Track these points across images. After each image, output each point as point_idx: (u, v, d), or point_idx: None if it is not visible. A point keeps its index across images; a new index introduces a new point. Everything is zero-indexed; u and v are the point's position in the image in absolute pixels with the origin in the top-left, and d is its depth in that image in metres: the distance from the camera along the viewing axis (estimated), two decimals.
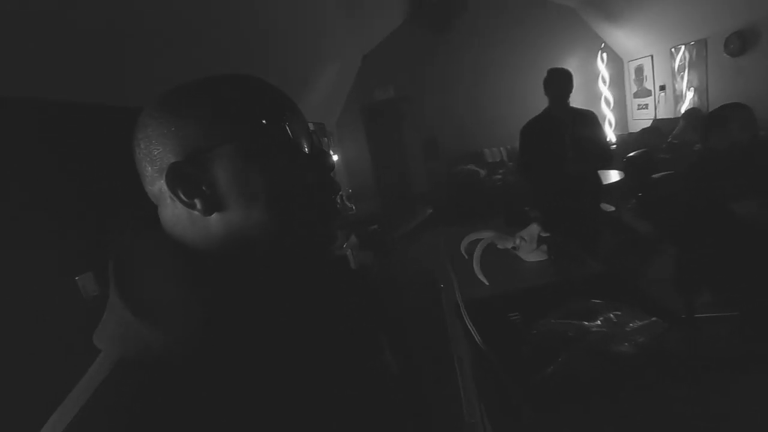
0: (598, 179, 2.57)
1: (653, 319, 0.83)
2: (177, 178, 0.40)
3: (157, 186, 0.42)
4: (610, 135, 5.92)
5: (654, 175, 2.61)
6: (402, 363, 0.60)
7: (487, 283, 1.35)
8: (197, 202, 0.40)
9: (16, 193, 1.15)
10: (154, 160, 0.41)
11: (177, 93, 0.42)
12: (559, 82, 2.38)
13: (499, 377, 0.85)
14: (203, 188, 0.40)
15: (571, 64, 5.75)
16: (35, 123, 1.26)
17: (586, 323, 0.82)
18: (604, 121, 5.98)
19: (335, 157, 5.52)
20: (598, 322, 0.82)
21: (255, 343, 0.40)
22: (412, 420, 0.59)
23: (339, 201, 5.07)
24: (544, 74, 2.44)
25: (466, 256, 1.51)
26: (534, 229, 1.41)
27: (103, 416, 0.35)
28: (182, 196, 0.40)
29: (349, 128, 6.32)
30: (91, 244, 1.33)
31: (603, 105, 6.07)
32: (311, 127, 0.47)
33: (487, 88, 6.14)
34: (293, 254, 0.46)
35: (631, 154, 3.04)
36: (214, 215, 0.41)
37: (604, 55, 5.91)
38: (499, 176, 5.81)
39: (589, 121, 2.40)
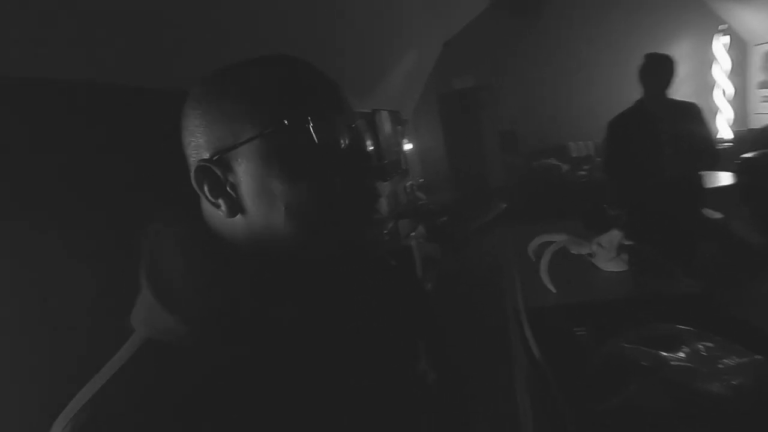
0: (700, 182, 2.24)
1: (756, 357, 0.69)
2: (203, 177, 0.39)
3: (192, 173, 0.41)
4: (725, 131, 5.17)
5: None
6: (443, 371, 0.56)
7: (554, 291, 1.23)
8: (221, 203, 0.39)
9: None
10: (191, 152, 0.41)
11: (210, 82, 0.40)
12: (658, 70, 2.10)
13: (555, 399, 0.77)
14: (227, 189, 0.39)
15: (681, 50, 5.09)
16: (129, 109, 1.39)
17: (666, 354, 0.70)
18: (717, 114, 5.22)
19: (408, 146, 5.48)
20: (682, 354, 0.70)
21: (274, 337, 0.39)
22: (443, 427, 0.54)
23: (409, 190, 5.04)
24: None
25: (534, 259, 1.40)
26: (615, 235, 1.26)
27: (121, 393, 0.36)
28: (208, 195, 0.39)
29: (425, 117, 6.23)
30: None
31: (718, 96, 5.29)
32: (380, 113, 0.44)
33: (578, 77, 5.66)
34: (319, 263, 0.43)
35: (749, 154, 2.59)
36: (238, 216, 0.39)
37: (724, 38, 5.13)
38: (584, 172, 5.36)
39: (692, 114, 2.09)
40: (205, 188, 0.39)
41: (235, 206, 0.39)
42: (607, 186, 2.59)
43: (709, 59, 5.32)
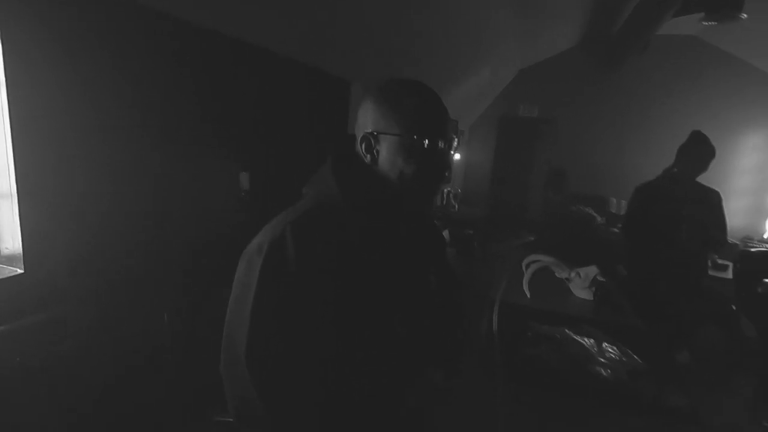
0: (705, 266, 2.42)
1: (638, 361, 0.97)
2: (364, 141, 0.76)
3: (358, 134, 0.78)
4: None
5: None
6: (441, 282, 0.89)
7: (529, 296, 1.53)
8: (368, 157, 0.76)
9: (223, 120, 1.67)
10: (361, 122, 0.77)
11: (381, 90, 0.76)
12: (700, 154, 2.26)
13: (497, 351, 1.09)
14: (374, 152, 0.75)
15: (751, 141, 5.07)
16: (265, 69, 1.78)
17: (573, 335, 1.00)
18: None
19: (457, 156, 5.75)
20: (586, 340, 1.00)
21: (375, 226, 0.76)
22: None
23: (446, 196, 5.32)
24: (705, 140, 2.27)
25: (524, 271, 1.68)
26: (592, 270, 1.53)
27: (310, 217, 0.73)
28: (363, 151, 0.76)
29: (481, 133, 6.46)
30: (253, 156, 1.85)
31: None
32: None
33: (640, 136, 5.73)
34: (409, 199, 0.78)
35: (754, 249, 2.72)
36: (374, 167, 0.76)
37: None
38: (617, 230, 5.46)
39: (712, 201, 2.28)
40: (363, 146, 0.76)
41: (373, 161, 0.76)
42: (625, 247, 2.78)
43: None
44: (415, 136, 0.72)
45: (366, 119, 0.75)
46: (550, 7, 3.98)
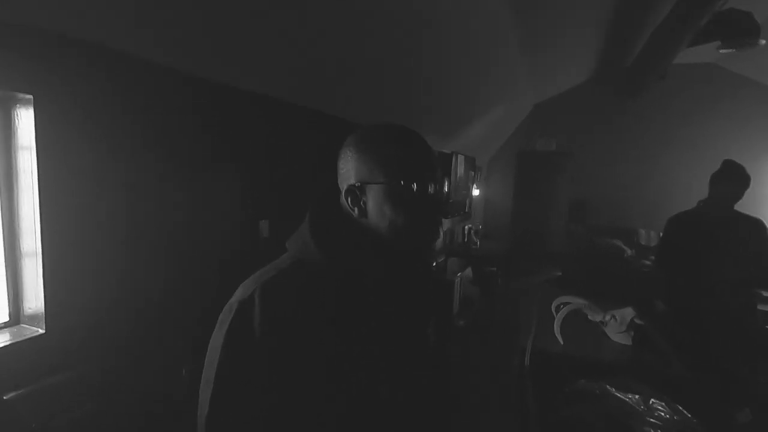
0: (752, 301, 2.25)
1: (689, 417, 0.88)
2: (349, 194, 0.71)
3: (342, 187, 0.73)
4: None
5: None
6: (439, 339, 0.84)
7: (562, 343, 1.43)
8: (355, 210, 0.71)
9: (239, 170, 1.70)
10: (343, 174, 0.73)
11: (361, 138, 0.71)
12: (732, 180, 2.17)
13: (531, 408, 1.00)
14: (361, 203, 0.70)
15: None
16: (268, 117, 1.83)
17: (614, 391, 0.91)
18: None
19: (476, 192, 5.72)
20: (630, 396, 0.91)
21: (358, 282, 0.70)
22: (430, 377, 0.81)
23: (467, 232, 5.24)
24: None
25: (555, 314, 1.60)
26: (628, 312, 1.43)
27: (287, 276, 0.69)
28: (349, 204, 0.71)
29: (500, 168, 6.45)
30: (272, 203, 1.86)
31: None
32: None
33: (663, 165, 5.59)
34: (403, 251, 0.74)
35: None
36: (363, 219, 0.71)
37: None
38: (649, 262, 5.23)
39: (754, 230, 2.14)
40: (348, 200, 0.71)
41: (362, 214, 0.71)
42: (660, 281, 2.63)
43: None
44: (401, 182, 0.67)
45: (348, 170, 0.71)
46: (561, 42, 4.03)
